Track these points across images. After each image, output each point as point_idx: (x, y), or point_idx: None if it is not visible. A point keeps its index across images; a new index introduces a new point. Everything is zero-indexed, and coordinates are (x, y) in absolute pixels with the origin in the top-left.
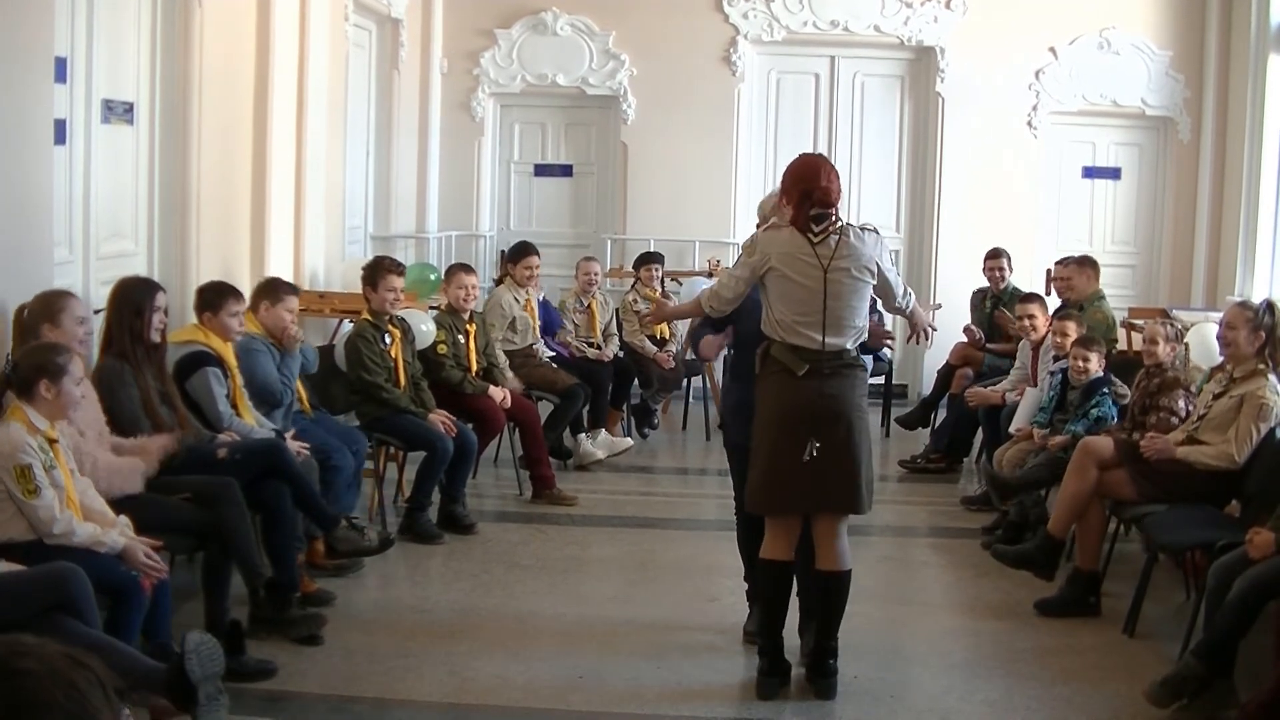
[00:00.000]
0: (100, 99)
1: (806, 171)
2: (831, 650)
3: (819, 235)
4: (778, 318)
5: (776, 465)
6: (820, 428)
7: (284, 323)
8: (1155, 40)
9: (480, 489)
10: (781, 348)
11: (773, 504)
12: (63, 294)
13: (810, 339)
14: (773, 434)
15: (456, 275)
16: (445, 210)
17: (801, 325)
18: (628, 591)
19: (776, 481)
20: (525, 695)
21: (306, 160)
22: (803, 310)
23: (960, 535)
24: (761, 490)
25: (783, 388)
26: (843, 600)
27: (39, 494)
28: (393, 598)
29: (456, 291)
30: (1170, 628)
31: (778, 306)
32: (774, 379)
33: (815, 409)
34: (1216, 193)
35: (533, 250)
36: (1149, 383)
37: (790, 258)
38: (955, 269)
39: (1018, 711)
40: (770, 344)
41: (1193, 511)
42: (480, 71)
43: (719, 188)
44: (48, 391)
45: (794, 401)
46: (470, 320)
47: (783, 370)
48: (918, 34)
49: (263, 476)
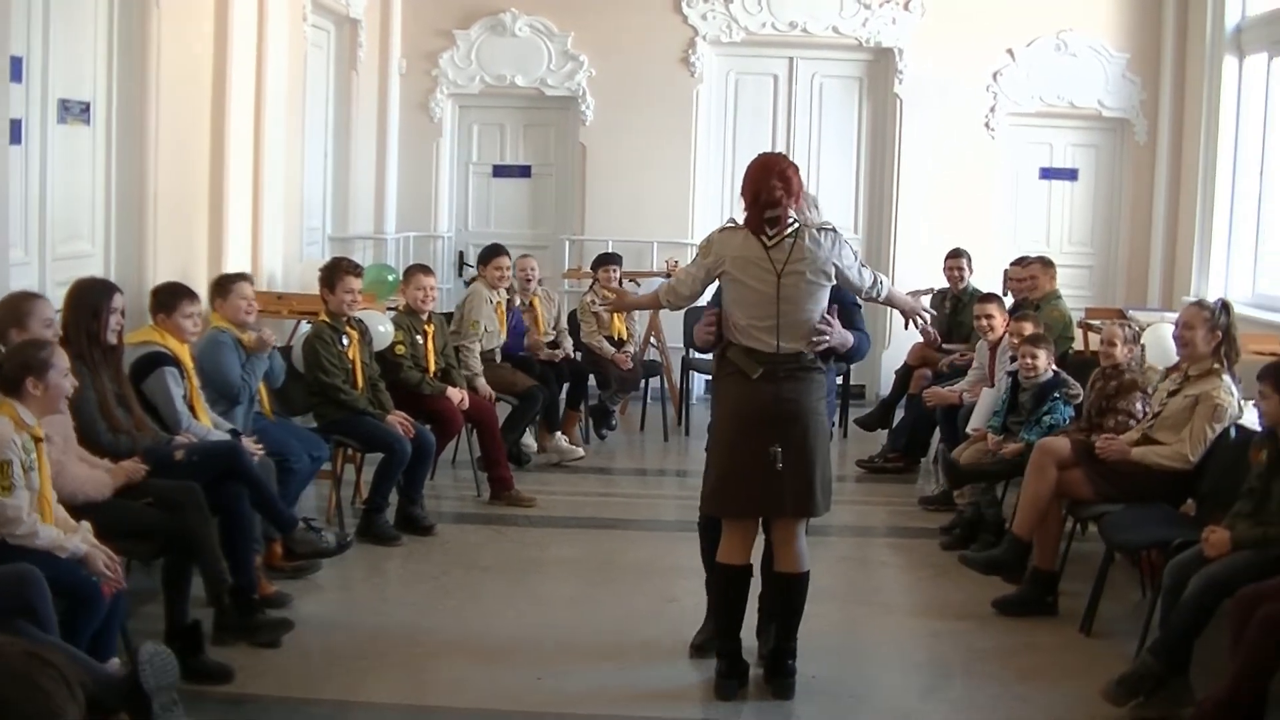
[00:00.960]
0: (56, 99)
1: (758, 172)
2: (790, 651)
3: (773, 239)
4: (733, 321)
5: (732, 468)
6: (777, 431)
7: (241, 311)
8: (1112, 42)
9: (439, 490)
10: (737, 350)
11: (728, 506)
12: (29, 296)
13: (765, 343)
14: (729, 436)
15: (415, 276)
16: (403, 211)
17: (756, 329)
18: (587, 593)
19: (732, 484)
20: (485, 697)
21: (264, 161)
22: (756, 314)
23: (918, 535)
24: (717, 493)
25: (739, 390)
26: (801, 602)
27: (11, 492)
28: (351, 600)
29: (415, 292)
30: (1127, 626)
31: (733, 310)
32: (730, 381)
33: (771, 412)
34: (1173, 194)
35: (502, 251)
36: (1106, 384)
37: (744, 261)
38: (913, 269)
39: (977, 710)
40: (727, 345)
41: (1149, 511)
42: (439, 72)
43: (678, 189)
44: (35, 388)
45: (750, 404)
46: (429, 321)
47: (738, 372)
48: (876, 35)
49: (220, 478)
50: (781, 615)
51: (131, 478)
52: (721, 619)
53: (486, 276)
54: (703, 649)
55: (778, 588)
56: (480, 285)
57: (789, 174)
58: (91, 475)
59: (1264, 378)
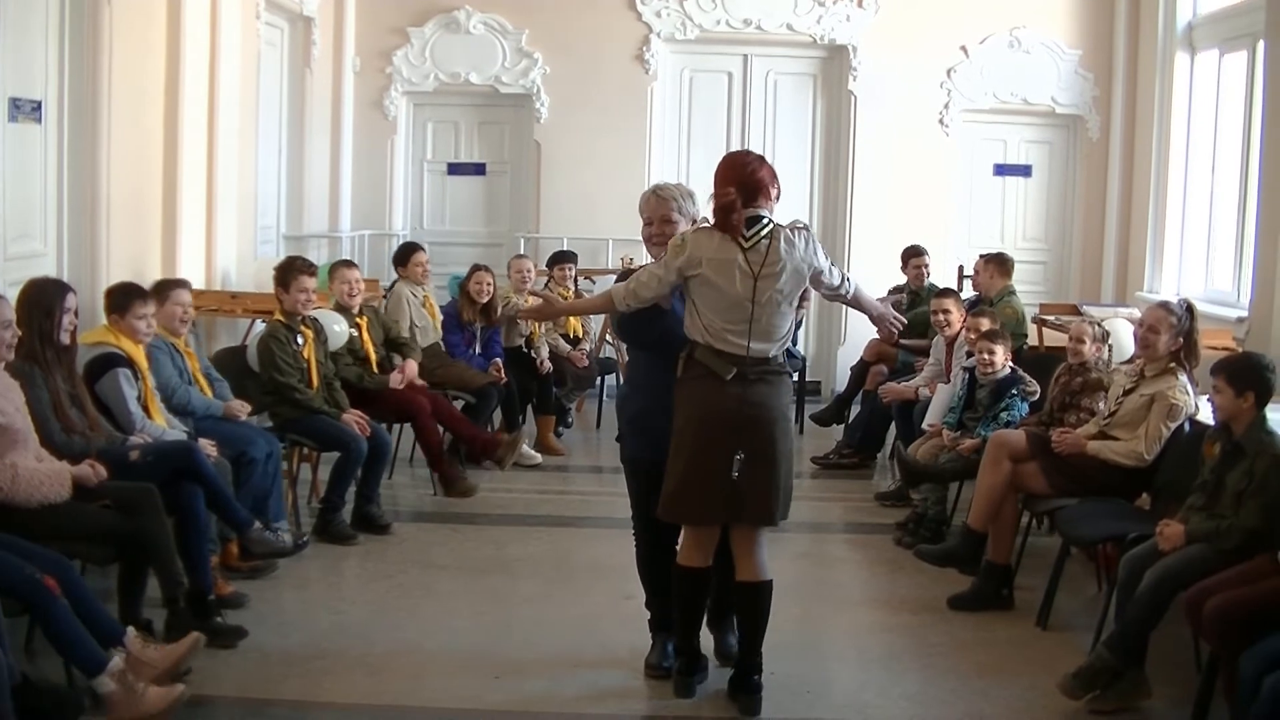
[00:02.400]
0: (8, 97)
1: (725, 172)
2: (756, 666)
3: (750, 240)
4: (705, 323)
5: (696, 472)
6: (742, 436)
7: (176, 319)
8: (1065, 39)
9: (395, 489)
10: (707, 351)
11: (690, 513)
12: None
13: (736, 345)
14: (693, 440)
15: (339, 271)
16: (358, 209)
17: (729, 332)
18: (544, 591)
19: (695, 489)
20: (443, 695)
21: (218, 159)
22: (731, 317)
23: (874, 531)
24: (678, 498)
25: (707, 393)
26: (765, 612)
27: None
28: (308, 599)
29: (340, 287)
30: (1083, 620)
31: (705, 312)
32: (697, 383)
33: (738, 416)
34: (1125, 189)
35: (418, 248)
36: (1071, 380)
37: (720, 263)
38: (868, 266)
39: (934, 705)
40: (694, 347)
41: (1104, 505)
42: (393, 70)
43: (632, 186)
44: None
45: (717, 407)
46: (360, 314)
47: (708, 374)
48: (830, 32)
49: (175, 479)
50: (744, 626)
51: (87, 481)
52: (681, 619)
53: (408, 275)
54: (658, 667)
55: (740, 598)
56: (401, 286)
57: (762, 173)
58: (52, 470)
59: (1217, 372)
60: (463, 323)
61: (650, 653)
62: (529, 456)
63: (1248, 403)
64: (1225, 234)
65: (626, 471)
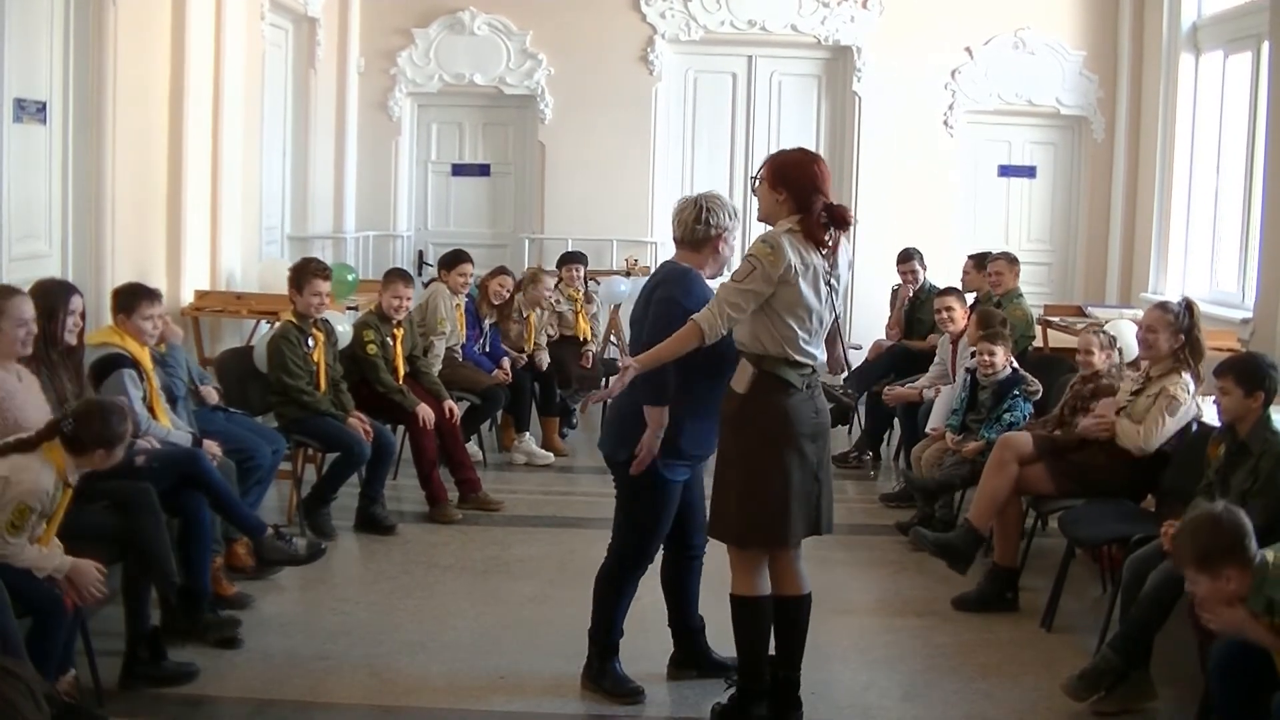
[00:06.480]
0: (12, 98)
1: (819, 170)
2: (797, 682)
3: (828, 248)
4: (784, 333)
5: (790, 492)
6: (818, 446)
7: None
8: (1069, 41)
9: (400, 490)
10: (780, 363)
11: (787, 535)
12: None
13: (812, 355)
14: (783, 458)
15: (394, 284)
16: (362, 210)
17: (806, 341)
18: (548, 591)
19: (787, 509)
20: (446, 696)
21: (223, 160)
22: (809, 326)
23: (878, 532)
24: (774, 521)
25: (788, 407)
26: (806, 625)
27: (17, 534)
28: (312, 600)
29: (391, 300)
30: (1087, 621)
31: (787, 321)
32: (773, 398)
33: (815, 427)
34: (1130, 191)
35: (467, 258)
36: (1083, 387)
37: (808, 270)
38: (873, 266)
39: (937, 706)
40: (762, 359)
41: (1109, 506)
42: (397, 71)
43: (637, 187)
44: (102, 460)
45: (801, 421)
46: (398, 326)
47: (784, 388)
48: (835, 33)
49: (181, 484)
50: (790, 641)
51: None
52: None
53: (449, 281)
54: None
55: (785, 612)
56: (441, 286)
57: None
58: None
59: (1222, 373)
60: (478, 318)
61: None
62: (540, 456)
63: (1256, 403)
64: (1230, 235)
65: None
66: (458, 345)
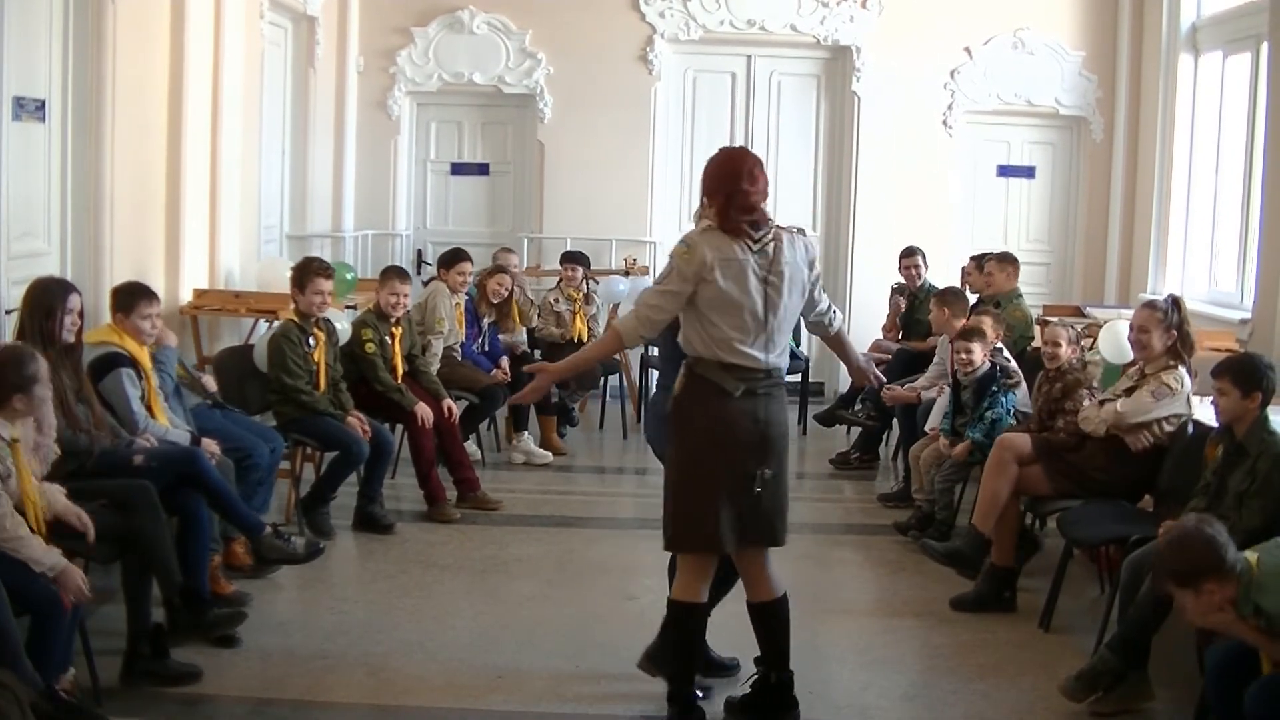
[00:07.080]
0: (11, 96)
1: (732, 167)
2: (790, 682)
3: (757, 243)
4: (712, 333)
5: (715, 497)
6: (759, 456)
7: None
8: (1068, 41)
9: (398, 489)
10: (712, 366)
11: (709, 541)
12: None
13: (750, 357)
14: (708, 462)
15: (391, 281)
16: (361, 209)
17: (740, 342)
18: (546, 591)
19: (713, 515)
20: (445, 695)
21: (221, 159)
22: (742, 326)
23: (876, 532)
24: (695, 525)
25: (717, 411)
26: (787, 625)
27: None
28: (310, 599)
29: (389, 297)
30: (1085, 622)
31: (712, 320)
32: (705, 402)
33: (752, 435)
34: (1129, 191)
35: (466, 257)
36: (1051, 387)
37: (730, 265)
38: (872, 267)
39: (935, 707)
40: (695, 361)
41: (1107, 507)
42: (396, 70)
43: (636, 187)
44: (26, 407)
45: (732, 426)
46: (396, 324)
47: (716, 391)
48: (834, 33)
49: (179, 483)
50: (773, 642)
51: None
52: (682, 662)
53: (448, 280)
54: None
55: (762, 618)
56: (441, 285)
57: (757, 171)
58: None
59: (1220, 374)
60: (476, 316)
61: None
62: (539, 456)
63: (1254, 403)
64: (1228, 236)
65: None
66: (456, 344)
